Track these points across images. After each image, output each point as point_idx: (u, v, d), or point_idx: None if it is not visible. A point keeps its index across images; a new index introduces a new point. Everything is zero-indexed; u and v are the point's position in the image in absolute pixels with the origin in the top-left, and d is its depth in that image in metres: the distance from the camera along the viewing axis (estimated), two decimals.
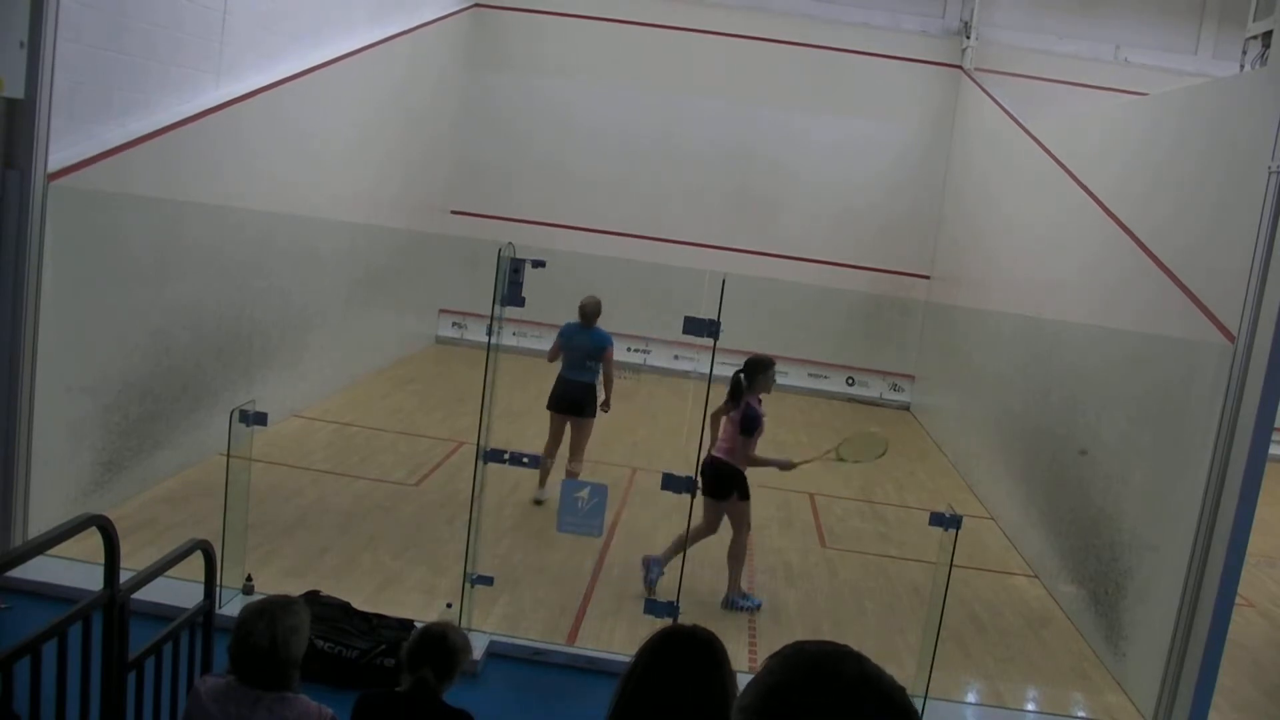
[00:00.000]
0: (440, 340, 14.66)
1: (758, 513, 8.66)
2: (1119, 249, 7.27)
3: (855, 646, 1.29)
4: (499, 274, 5.25)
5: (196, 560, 4.01)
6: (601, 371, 7.89)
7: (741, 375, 6.46)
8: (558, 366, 8.02)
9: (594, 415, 7.90)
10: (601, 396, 7.93)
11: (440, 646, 3.18)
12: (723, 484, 6.39)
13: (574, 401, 7.83)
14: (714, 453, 6.46)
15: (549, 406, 7.95)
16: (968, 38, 13.84)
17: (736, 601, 6.46)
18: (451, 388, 11.88)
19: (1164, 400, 6.19)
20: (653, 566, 6.45)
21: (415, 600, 5.89)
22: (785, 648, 1.30)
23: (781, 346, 14.41)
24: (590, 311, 7.88)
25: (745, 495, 6.53)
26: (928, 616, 5.32)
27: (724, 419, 6.53)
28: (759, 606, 6.50)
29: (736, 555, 6.51)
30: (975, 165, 12.88)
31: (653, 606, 5.50)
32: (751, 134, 14.39)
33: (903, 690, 1.24)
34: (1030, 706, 5.77)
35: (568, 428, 7.91)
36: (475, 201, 14.38)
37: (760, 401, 6.54)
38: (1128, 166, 7.77)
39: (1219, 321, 5.58)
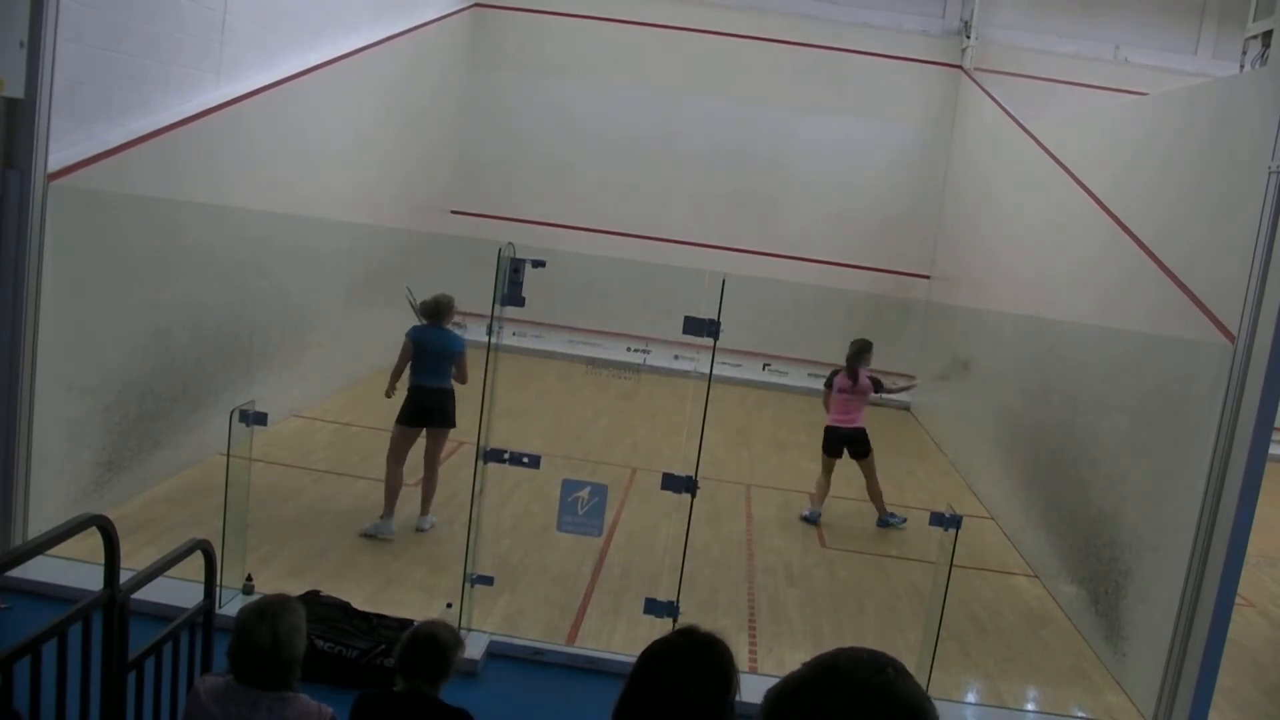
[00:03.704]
0: None
1: (758, 512, 8.69)
2: (1119, 249, 7.27)
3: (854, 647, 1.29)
4: (499, 274, 5.24)
5: (196, 560, 4.01)
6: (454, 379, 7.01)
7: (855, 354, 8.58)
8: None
9: (454, 425, 7.06)
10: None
11: (431, 650, 3.17)
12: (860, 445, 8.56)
13: (439, 410, 7.00)
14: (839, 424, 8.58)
15: (423, 421, 7.00)
16: (968, 38, 13.84)
17: (888, 519, 8.58)
18: None
19: (1164, 400, 6.19)
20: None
21: (415, 600, 5.88)
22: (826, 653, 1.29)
23: (782, 346, 14.46)
24: (434, 310, 7.04)
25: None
26: (928, 616, 5.32)
27: (836, 395, 8.62)
28: (904, 523, 8.49)
29: (877, 492, 8.62)
30: (975, 165, 12.88)
31: (653, 606, 5.50)
32: (752, 134, 14.40)
33: (917, 704, 1.22)
34: (1030, 706, 5.76)
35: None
36: (475, 201, 14.38)
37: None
38: (1128, 166, 7.76)
39: (1219, 321, 5.58)
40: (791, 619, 6.49)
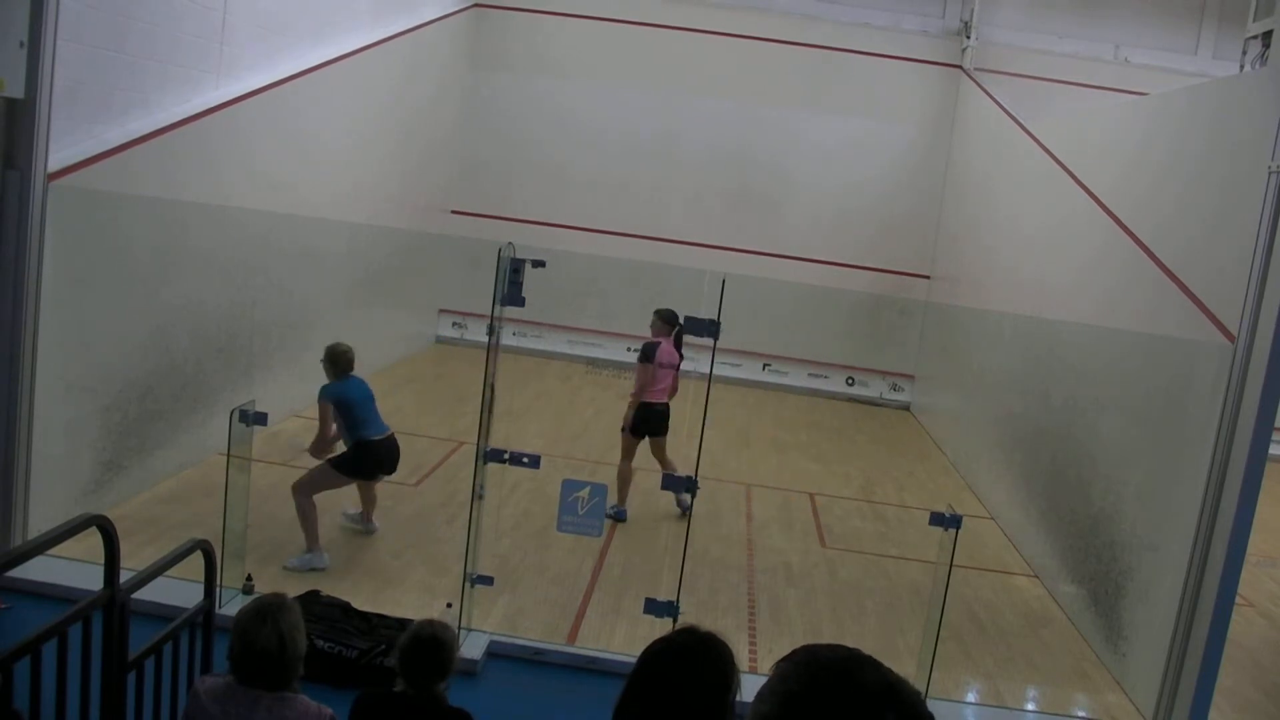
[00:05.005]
0: (440, 340, 14.67)
1: (758, 512, 8.70)
2: (1119, 249, 7.27)
3: (855, 646, 1.30)
4: (499, 274, 5.24)
5: (196, 560, 4.01)
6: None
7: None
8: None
9: None
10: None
11: (433, 650, 3.17)
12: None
13: (396, 456, 6.61)
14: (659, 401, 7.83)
15: (382, 472, 6.56)
16: (968, 38, 13.84)
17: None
18: (451, 388, 11.88)
19: (1164, 400, 6.20)
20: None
21: (415, 600, 5.88)
22: (796, 652, 1.30)
23: (781, 346, 14.47)
24: (351, 359, 6.40)
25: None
26: (928, 616, 5.32)
27: (659, 369, 7.78)
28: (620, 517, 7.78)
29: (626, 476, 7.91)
30: (975, 165, 12.88)
31: (653, 606, 5.49)
32: (752, 134, 14.40)
33: (920, 696, 1.24)
34: (1030, 706, 5.76)
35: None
36: (475, 201, 14.38)
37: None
38: (1128, 166, 7.77)
39: (1219, 321, 5.58)
40: (791, 619, 6.49)
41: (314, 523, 6.28)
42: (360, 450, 6.34)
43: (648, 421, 7.82)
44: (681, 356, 7.99)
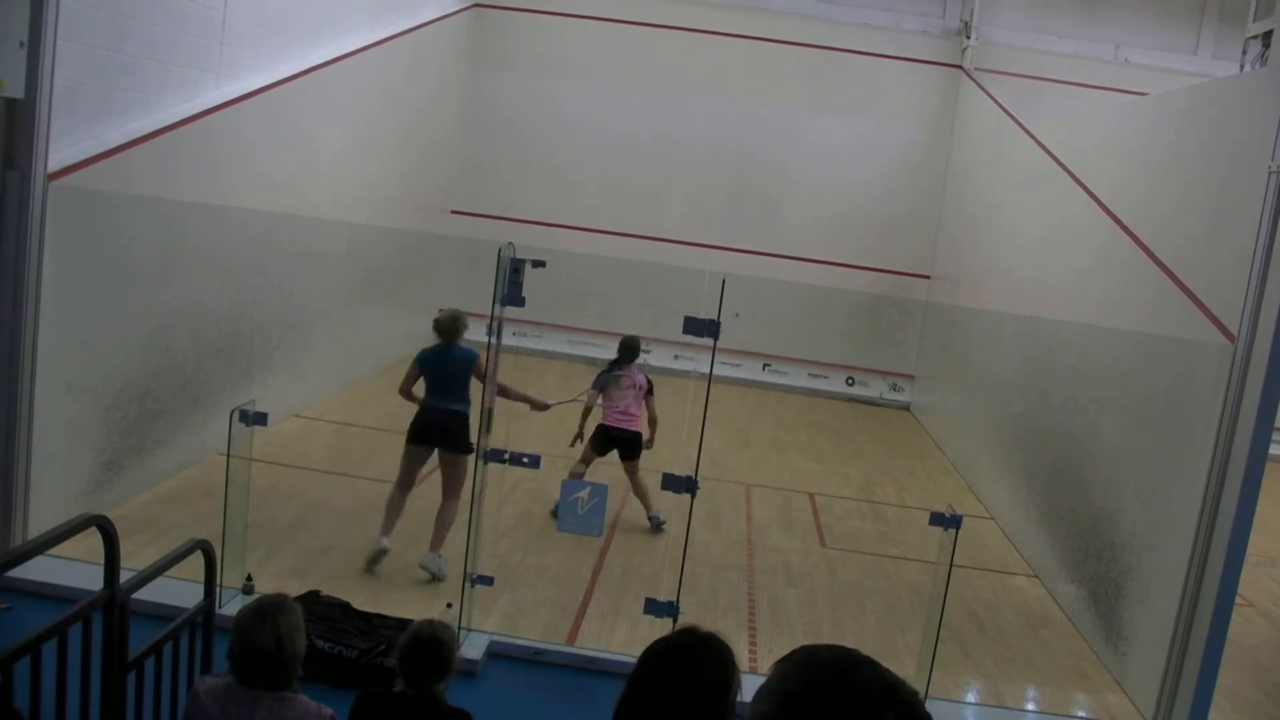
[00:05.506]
0: None
1: (758, 512, 8.69)
2: (1119, 249, 7.27)
3: (855, 646, 1.30)
4: (499, 274, 5.24)
5: (196, 560, 4.01)
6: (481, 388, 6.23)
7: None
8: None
9: (469, 451, 6.27)
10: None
11: (433, 650, 3.17)
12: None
13: (442, 430, 6.42)
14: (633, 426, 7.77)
15: (423, 441, 6.45)
16: (968, 38, 13.84)
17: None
18: None
19: (1164, 400, 6.19)
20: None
21: (415, 600, 5.88)
22: (795, 653, 1.30)
23: (781, 346, 14.47)
24: (447, 327, 6.45)
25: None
26: (928, 616, 5.32)
27: (623, 389, 7.78)
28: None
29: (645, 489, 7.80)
30: (975, 165, 12.88)
31: (653, 606, 5.49)
32: (752, 134, 14.40)
33: (919, 696, 1.24)
34: (1030, 706, 5.76)
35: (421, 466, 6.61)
36: (475, 201, 14.38)
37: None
38: (1128, 166, 7.77)
39: (1219, 321, 5.58)
40: (791, 619, 6.49)
41: (389, 512, 6.44)
42: (417, 414, 6.53)
43: (604, 441, 7.80)
44: (649, 380, 7.92)
